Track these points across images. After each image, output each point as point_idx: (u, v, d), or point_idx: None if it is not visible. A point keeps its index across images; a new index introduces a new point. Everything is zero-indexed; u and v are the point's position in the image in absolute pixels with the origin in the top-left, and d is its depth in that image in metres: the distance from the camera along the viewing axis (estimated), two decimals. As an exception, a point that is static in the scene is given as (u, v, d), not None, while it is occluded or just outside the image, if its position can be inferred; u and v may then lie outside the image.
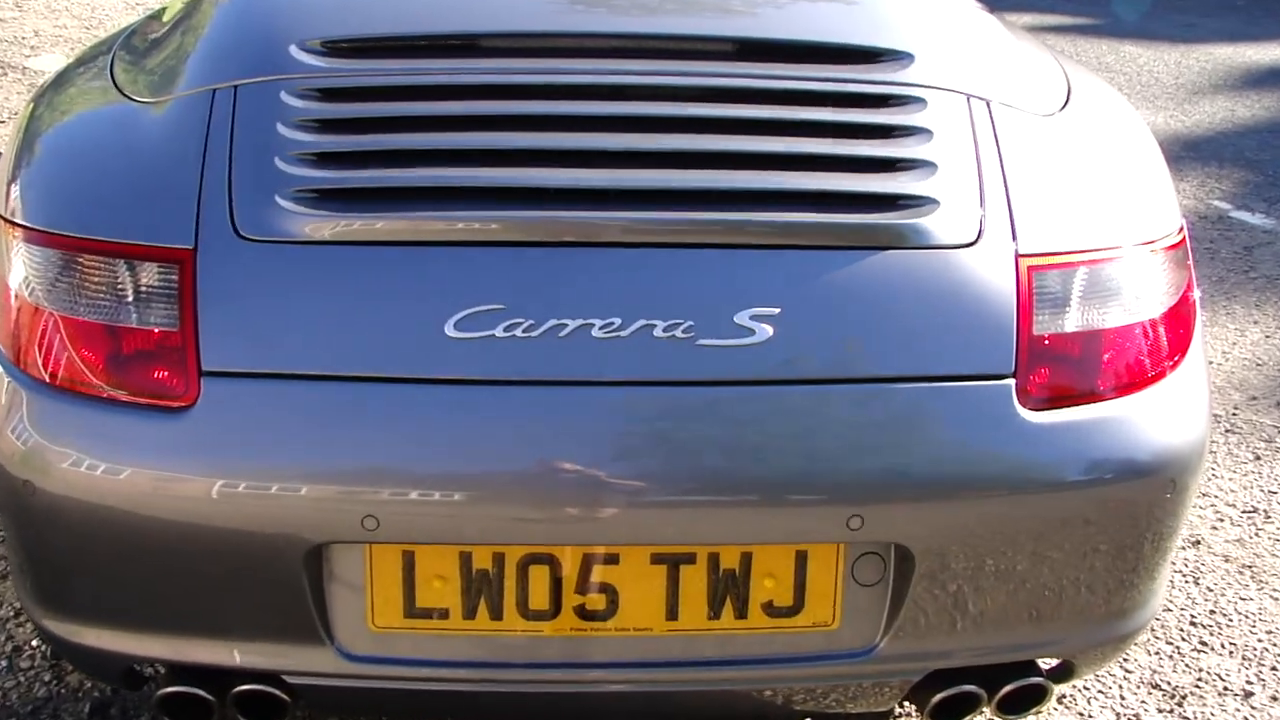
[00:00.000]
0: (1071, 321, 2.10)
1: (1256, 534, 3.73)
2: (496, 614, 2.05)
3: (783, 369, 1.99)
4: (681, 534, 2.03)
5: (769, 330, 1.97)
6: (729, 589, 2.06)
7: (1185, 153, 7.60)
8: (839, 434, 2.00)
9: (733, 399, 1.99)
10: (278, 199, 2.05)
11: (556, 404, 1.96)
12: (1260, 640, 3.27)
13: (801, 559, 2.04)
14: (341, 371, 1.97)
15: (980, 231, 2.10)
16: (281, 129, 2.12)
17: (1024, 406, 2.03)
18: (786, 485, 1.99)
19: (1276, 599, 3.43)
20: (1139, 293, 2.17)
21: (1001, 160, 2.20)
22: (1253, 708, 3.01)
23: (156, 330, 2.00)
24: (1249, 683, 3.10)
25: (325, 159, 2.10)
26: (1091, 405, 2.09)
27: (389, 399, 1.96)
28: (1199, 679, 3.10)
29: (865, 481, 2.00)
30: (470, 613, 2.05)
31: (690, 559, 2.04)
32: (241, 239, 2.02)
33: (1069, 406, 2.08)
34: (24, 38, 8.41)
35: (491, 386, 1.96)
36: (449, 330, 1.95)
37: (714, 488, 1.99)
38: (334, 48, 2.27)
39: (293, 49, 2.25)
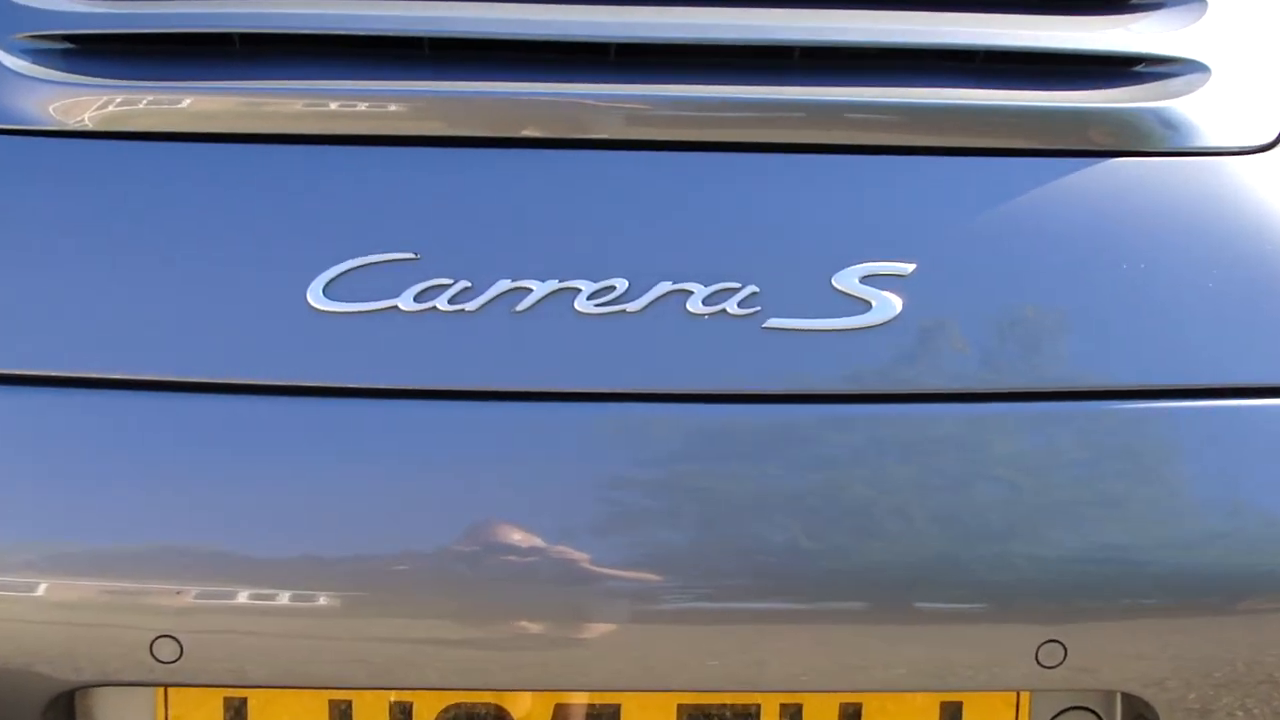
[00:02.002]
0: None
1: None
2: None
3: (919, 373, 1.23)
4: (733, 672, 1.25)
5: (895, 303, 1.22)
6: (820, 771, 1.35)
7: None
8: (1023, 493, 1.24)
9: (824, 428, 1.24)
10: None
11: (512, 434, 1.20)
12: None
13: (951, 718, 1.37)
14: (117, 373, 1.20)
15: None
16: None
17: None
18: (926, 584, 1.23)
19: None
20: None
21: None
22: None
23: None
24: None
25: None
26: None
27: (197, 421, 1.19)
28: None
29: (1071, 580, 1.24)
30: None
31: (749, 716, 1.28)
32: None
33: None
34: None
35: (392, 401, 1.20)
36: (314, 298, 1.19)
37: (793, 587, 1.22)
38: None
39: None
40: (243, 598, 1.19)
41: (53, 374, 1.20)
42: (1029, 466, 1.25)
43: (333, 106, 1.26)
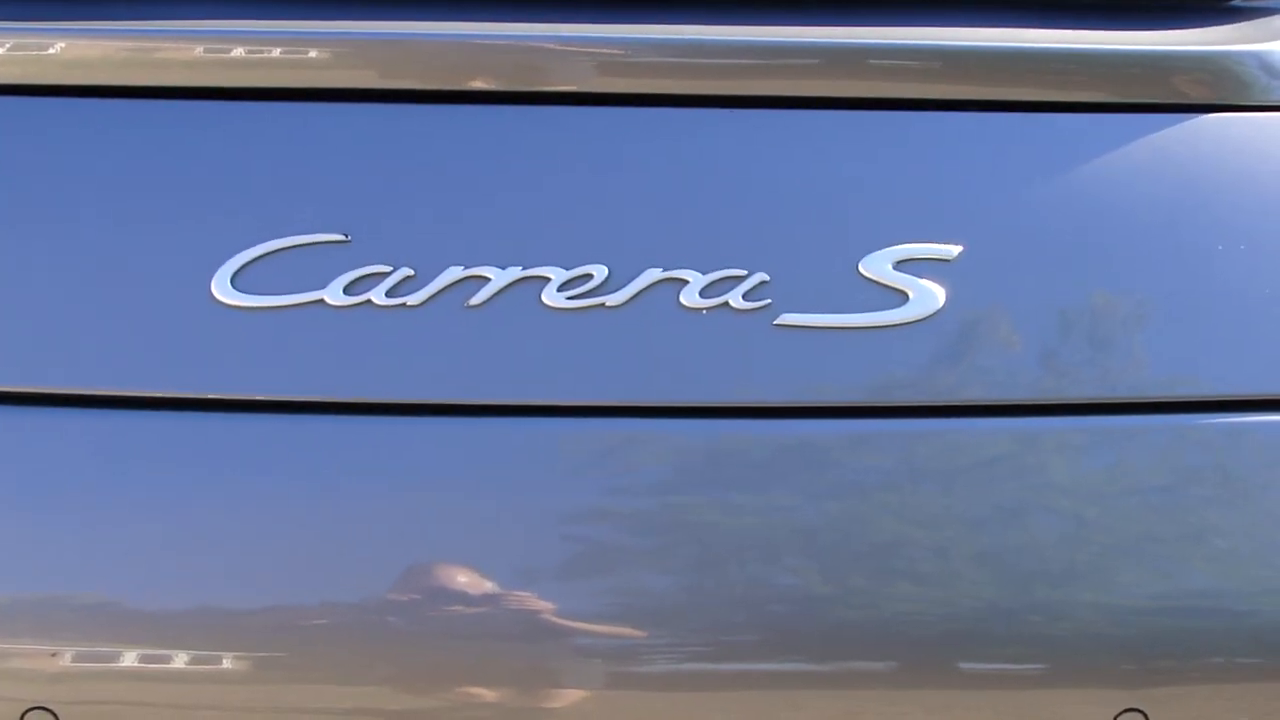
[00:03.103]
0: None
1: None
2: None
3: (965, 381, 1.09)
4: None
5: (938, 294, 1.08)
6: None
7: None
8: (1091, 527, 1.08)
9: (853, 447, 1.11)
10: None
11: (461, 459, 1.07)
12: None
13: None
14: None
15: None
16: None
17: None
18: (973, 641, 1.08)
19: None
20: None
21: None
22: None
23: None
24: None
25: None
26: None
27: (80, 444, 1.04)
28: None
29: (1153, 635, 1.09)
30: None
31: None
32: None
33: None
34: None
35: (315, 417, 1.06)
36: (219, 292, 1.06)
37: (807, 643, 1.08)
38: None
39: None
40: (130, 660, 1.05)
41: None
42: (1099, 494, 1.12)
43: (239, 53, 1.13)
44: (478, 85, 1.13)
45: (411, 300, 1.06)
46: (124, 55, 1.13)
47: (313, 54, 1.12)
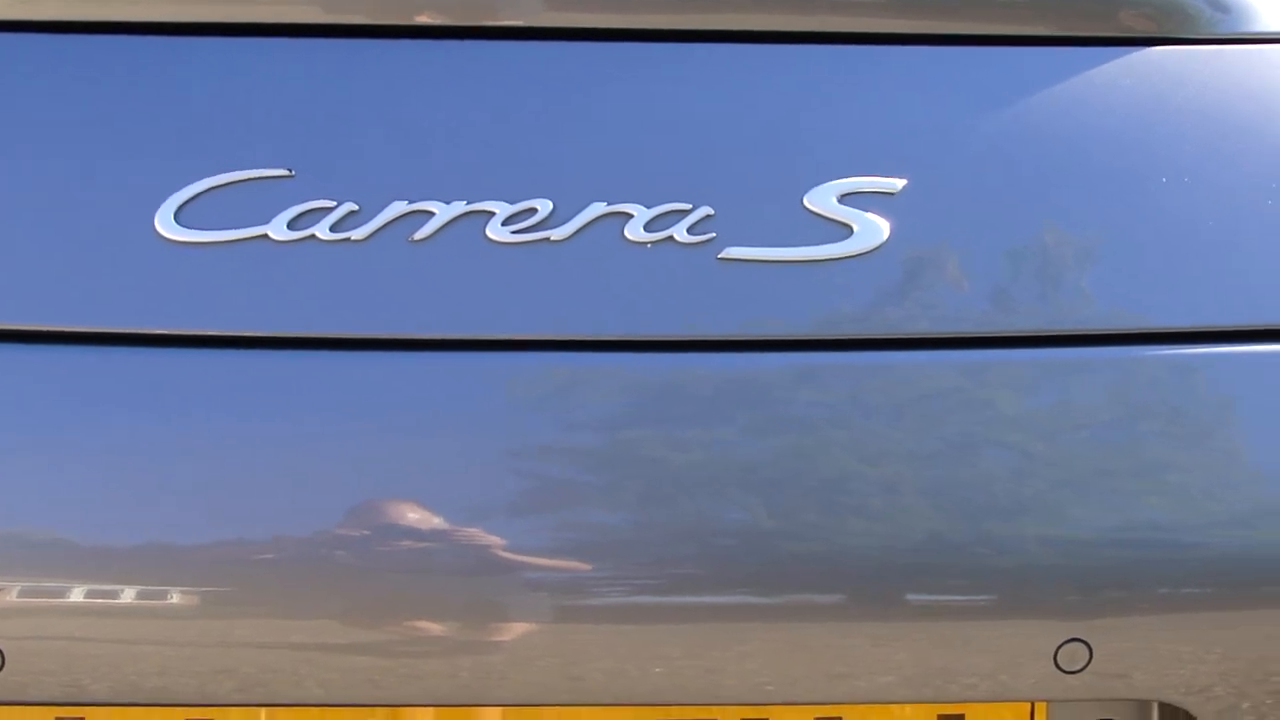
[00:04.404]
0: None
1: None
2: None
3: (911, 314, 1.10)
4: (681, 681, 1.11)
5: (882, 227, 1.08)
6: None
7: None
8: (1038, 460, 1.10)
9: (799, 381, 1.10)
10: None
11: (404, 390, 1.06)
12: None
13: None
14: None
15: None
16: None
17: None
18: (920, 573, 1.09)
19: None
20: None
21: None
22: None
23: None
24: None
25: None
26: None
27: (24, 377, 1.04)
28: None
29: (1098, 566, 1.10)
30: None
31: None
32: None
33: None
34: None
35: (260, 352, 1.06)
36: (163, 227, 1.05)
37: (755, 577, 1.08)
38: None
39: None
40: (76, 595, 1.05)
41: None
42: (1046, 427, 1.12)
43: None
44: (423, 20, 1.12)
45: (356, 235, 1.06)
46: None
47: None
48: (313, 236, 1.06)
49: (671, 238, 1.08)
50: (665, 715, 1.15)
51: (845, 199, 1.10)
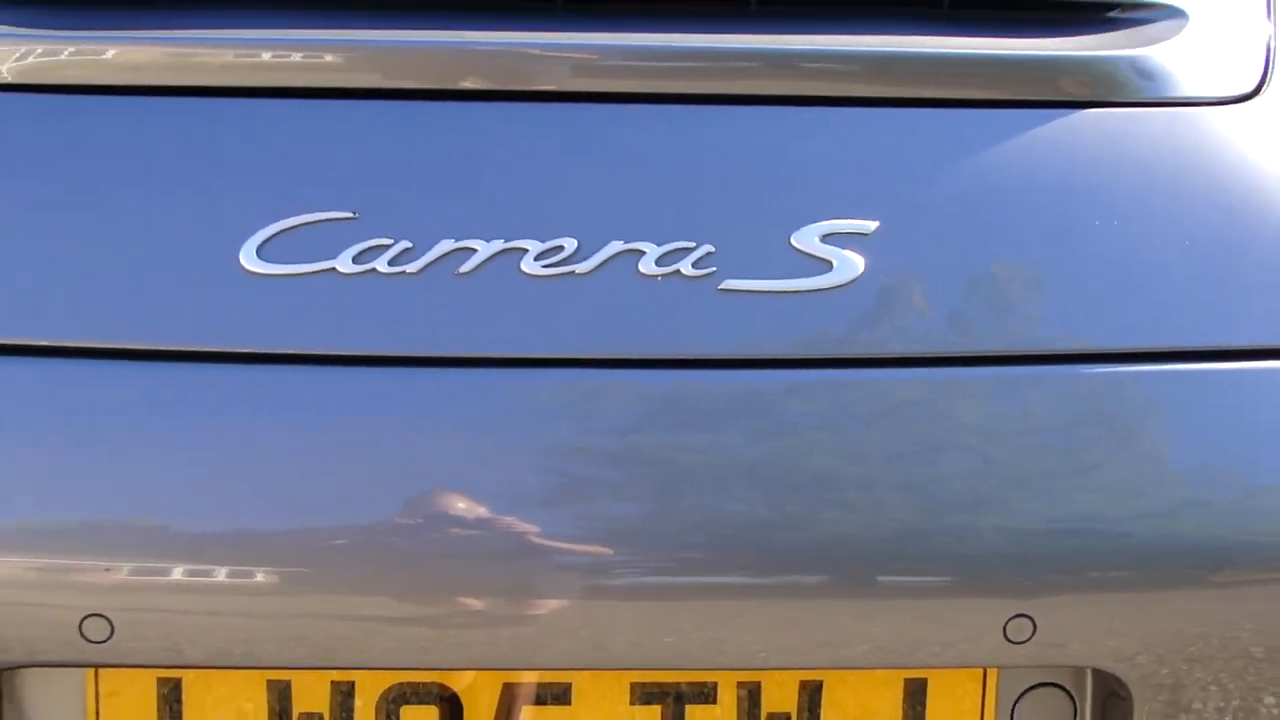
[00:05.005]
0: None
1: None
2: (339, 794, 1.34)
3: (883, 337, 1.23)
4: (689, 649, 1.25)
5: (857, 263, 1.21)
6: (778, 752, 1.36)
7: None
8: (992, 461, 1.23)
9: (782, 392, 1.23)
10: None
11: (449, 399, 1.20)
12: None
13: (915, 697, 1.30)
14: (40, 339, 1.19)
15: (1268, 70, 1.37)
16: None
17: None
18: (889, 557, 1.23)
19: None
20: None
21: None
22: None
23: None
24: None
25: None
26: None
27: (132, 392, 1.19)
28: None
29: (1041, 552, 1.23)
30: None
31: (706, 695, 1.29)
32: None
33: None
34: None
35: (328, 367, 1.20)
36: (247, 260, 1.19)
37: (750, 561, 1.22)
38: None
39: None
40: (176, 574, 1.18)
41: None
42: (998, 434, 1.24)
43: (264, 57, 1.25)
44: (466, 85, 1.25)
45: (410, 268, 1.20)
46: (168, 60, 1.25)
47: (327, 58, 1.25)
48: (373, 270, 1.20)
49: (678, 271, 1.21)
50: (673, 678, 1.30)
51: (826, 238, 1.22)
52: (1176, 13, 1.33)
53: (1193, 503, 1.25)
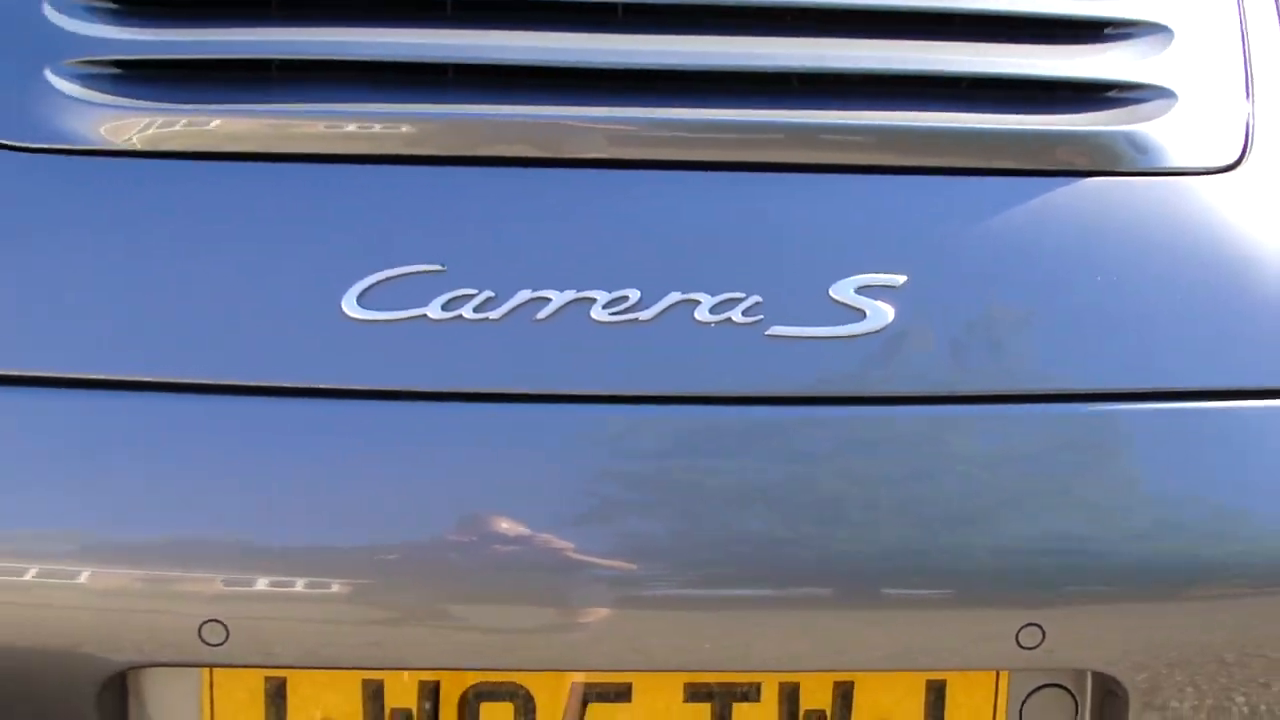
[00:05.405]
0: None
1: None
2: (425, 782, 1.49)
3: (908, 378, 1.39)
4: (736, 652, 1.40)
5: (888, 312, 1.36)
6: (814, 745, 1.51)
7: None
8: (1006, 487, 1.39)
9: (822, 428, 1.38)
10: (50, 76, 1.43)
11: (528, 432, 1.35)
12: None
13: (936, 696, 1.44)
14: (163, 376, 1.34)
15: (1248, 144, 1.53)
16: None
17: None
18: (916, 571, 1.39)
19: None
20: None
21: None
22: None
23: None
24: None
25: (131, 8, 1.50)
26: None
27: (245, 422, 1.34)
28: None
29: (1052, 567, 1.39)
30: (380, 780, 1.48)
31: (750, 694, 1.43)
32: None
33: None
34: None
35: (421, 403, 1.35)
36: (349, 308, 1.34)
37: (790, 574, 1.37)
38: None
39: None
40: (285, 586, 1.33)
41: (113, 378, 1.35)
42: (1013, 464, 1.39)
43: (362, 128, 1.40)
44: (542, 154, 1.41)
45: (492, 315, 1.35)
46: (275, 129, 1.41)
47: (420, 129, 1.41)
48: (460, 316, 1.35)
49: (729, 319, 1.36)
50: (721, 679, 1.43)
51: (860, 290, 1.37)
52: (1167, 93, 1.48)
53: (1172, 526, 1.40)
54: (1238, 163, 1.48)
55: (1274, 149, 1.50)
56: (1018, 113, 1.47)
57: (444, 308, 1.34)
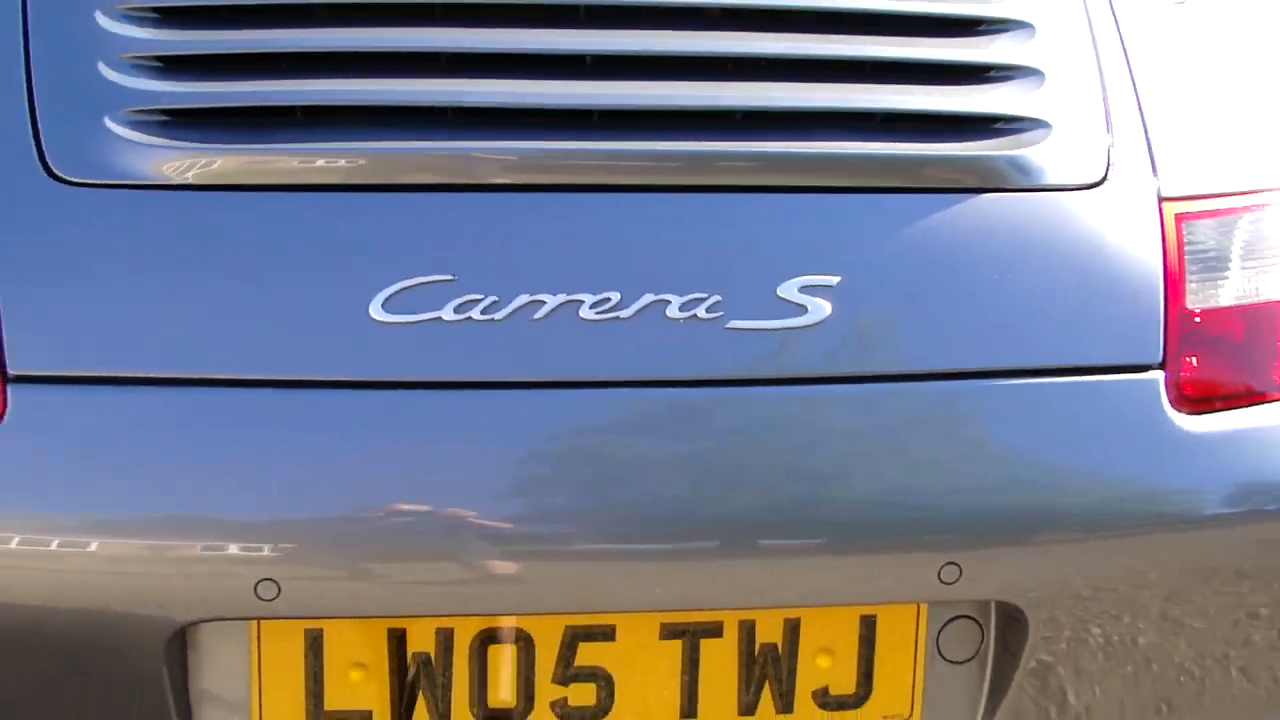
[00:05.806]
0: (1232, 291, 1.78)
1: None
2: (441, 716, 1.67)
3: (845, 361, 1.65)
4: (703, 595, 1.66)
5: (825, 307, 1.62)
6: (769, 671, 1.70)
7: None
8: (923, 450, 1.66)
9: (775, 403, 1.64)
10: (108, 123, 1.63)
11: (529, 414, 1.60)
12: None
13: (868, 627, 1.69)
14: (220, 373, 1.57)
15: (1108, 166, 1.77)
16: (104, 20, 1.69)
17: (1175, 408, 1.71)
18: (851, 522, 1.64)
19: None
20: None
21: (1130, 65, 1.86)
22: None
23: None
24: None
25: (176, 63, 1.69)
26: (1262, 407, 1.78)
27: (290, 411, 1.57)
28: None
29: (964, 515, 1.66)
30: (404, 716, 1.67)
31: (714, 630, 1.67)
32: (57, 182, 1.59)
33: (1232, 408, 1.76)
34: None
35: (439, 391, 1.59)
36: (375, 312, 1.57)
37: (748, 527, 1.63)
38: None
39: None
40: (328, 548, 1.56)
41: (181, 375, 1.56)
42: (928, 431, 1.67)
43: (384, 162, 1.63)
44: (536, 180, 1.65)
45: (496, 316, 1.58)
46: (309, 165, 1.62)
47: (432, 162, 1.63)
48: (469, 318, 1.57)
49: (695, 315, 1.61)
50: (690, 618, 1.66)
51: (803, 289, 1.62)
52: (1043, 124, 1.74)
53: (1058, 481, 1.68)
54: (1101, 181, 1.75)
55: (1129, 170, 1.76)
56: (924, 141, 1.72)
57: (456, 310, 1.57)
